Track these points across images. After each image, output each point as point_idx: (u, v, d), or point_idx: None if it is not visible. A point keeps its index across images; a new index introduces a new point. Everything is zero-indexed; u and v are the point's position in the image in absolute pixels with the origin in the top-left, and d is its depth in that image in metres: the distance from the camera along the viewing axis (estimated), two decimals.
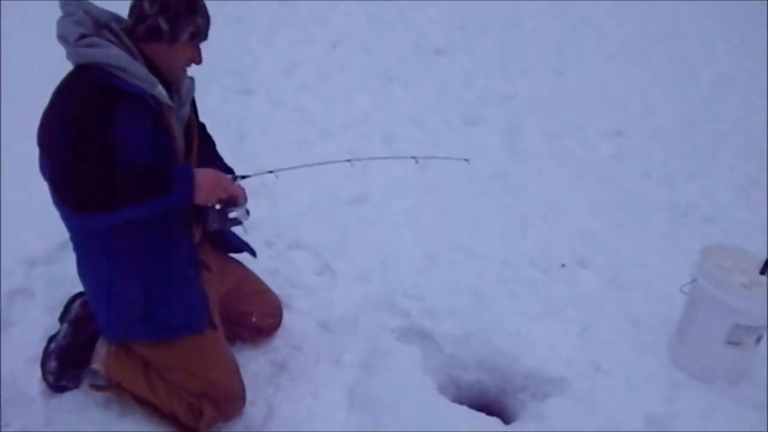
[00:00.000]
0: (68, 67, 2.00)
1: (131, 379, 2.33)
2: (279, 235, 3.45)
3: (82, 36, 1.92)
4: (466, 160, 2.97)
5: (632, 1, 7.77)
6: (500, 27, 6.88)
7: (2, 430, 2.26)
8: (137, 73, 1.96)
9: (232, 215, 2.23)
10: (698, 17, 7.62)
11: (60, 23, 1.95)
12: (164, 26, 1.99)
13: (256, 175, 2.35)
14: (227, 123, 3.79)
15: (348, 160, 2.66)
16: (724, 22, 7.56)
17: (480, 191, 4.18)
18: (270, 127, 4.65)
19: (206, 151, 2.46)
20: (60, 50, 1.96)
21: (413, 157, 2.75)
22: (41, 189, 1.99)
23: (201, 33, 2.09)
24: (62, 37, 1.94)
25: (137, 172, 1.95)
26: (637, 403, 2.66)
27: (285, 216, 3.59)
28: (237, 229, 2.48)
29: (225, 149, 2.61)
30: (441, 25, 6.76)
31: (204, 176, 2.06)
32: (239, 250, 2.67)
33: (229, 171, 2.42)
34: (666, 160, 4.79)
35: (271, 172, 2.40)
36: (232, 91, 5.03)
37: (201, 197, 2.04)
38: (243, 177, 2.28)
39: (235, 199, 2.20)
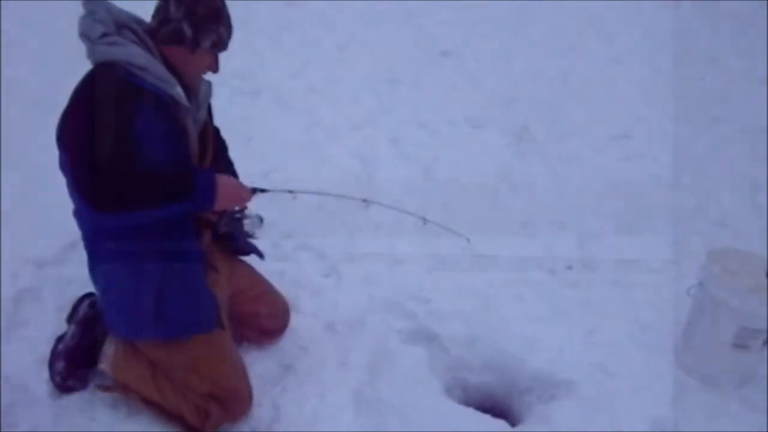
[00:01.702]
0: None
1: (138, 379, 2.34)
2: (286, 237, 3.46)
3: (104, 35, 1.94)
4: (468, 239, 2.98)
5: (638, 3, 7.76)
6: (507, 29, 6.86)
7: (10, 430, 2.28)
8: (157, 72, 1.97)
9: (246, 227, 2.29)
10: (705, 20, 7.60)
11: (82, 21, 1.97)
12: (187, 31, 2.01)
13: (275, 191, 2.36)
14: (234, 125, 3.76)
15: (364, 200, 2.67)
16: (732, 24, 7.54)
17: (486, 193, 4.18)
18: (277, 128, 4.66)
19: (218, 156, 2.48)
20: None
21: (422, 218, 2.80)
22: (49, 190, 2.01)
23: (222, 42, 2.12)
24: (84, 35, 1.95)
25: (160, 175, 1.96)
26: (643, 406, 2.66)
27: (292, 217, 3.59)
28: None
29: (232, 151, 2.63)
30: (448, 27, 6.74)
31: (225, 185, 2.08)
32: (246, 253, 2.68)
33: (237, 177, 2.44)
34: (673, 163, 4.78)
35: (291, 192, 2.40)
36: (239, 93, 5.04)
37: (220, 205, 2.07)
38: (262, 191, 2.29)
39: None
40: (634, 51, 6.74)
